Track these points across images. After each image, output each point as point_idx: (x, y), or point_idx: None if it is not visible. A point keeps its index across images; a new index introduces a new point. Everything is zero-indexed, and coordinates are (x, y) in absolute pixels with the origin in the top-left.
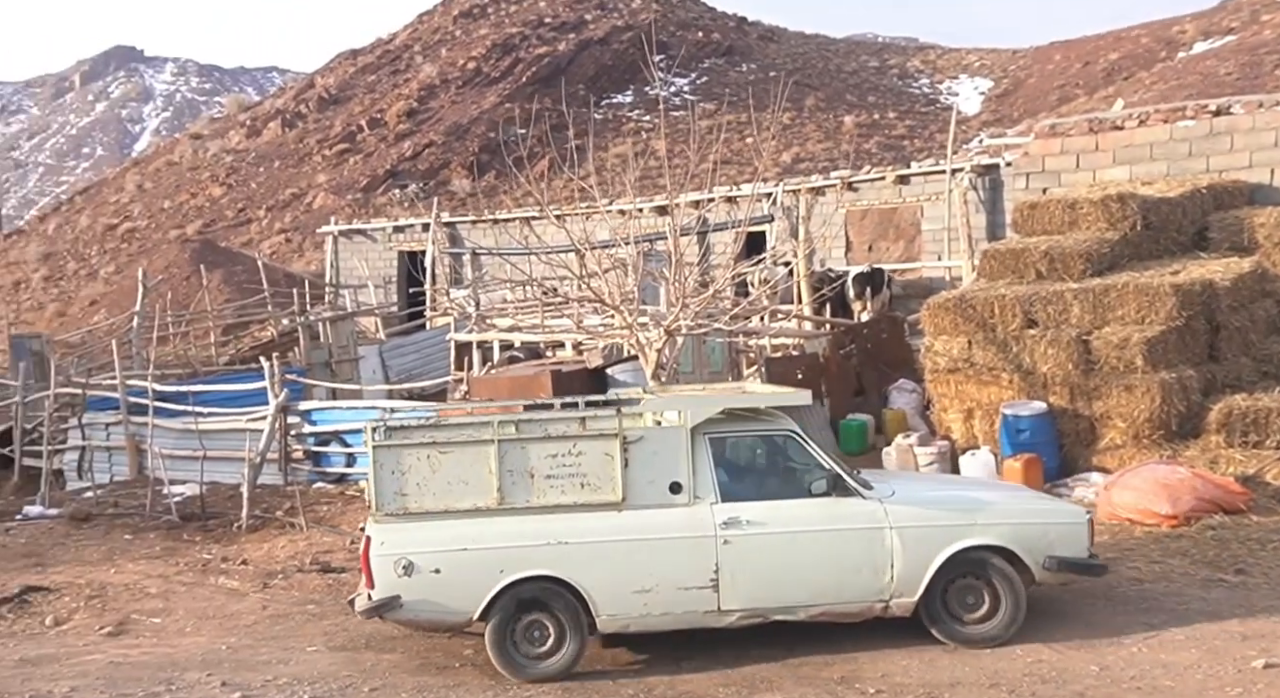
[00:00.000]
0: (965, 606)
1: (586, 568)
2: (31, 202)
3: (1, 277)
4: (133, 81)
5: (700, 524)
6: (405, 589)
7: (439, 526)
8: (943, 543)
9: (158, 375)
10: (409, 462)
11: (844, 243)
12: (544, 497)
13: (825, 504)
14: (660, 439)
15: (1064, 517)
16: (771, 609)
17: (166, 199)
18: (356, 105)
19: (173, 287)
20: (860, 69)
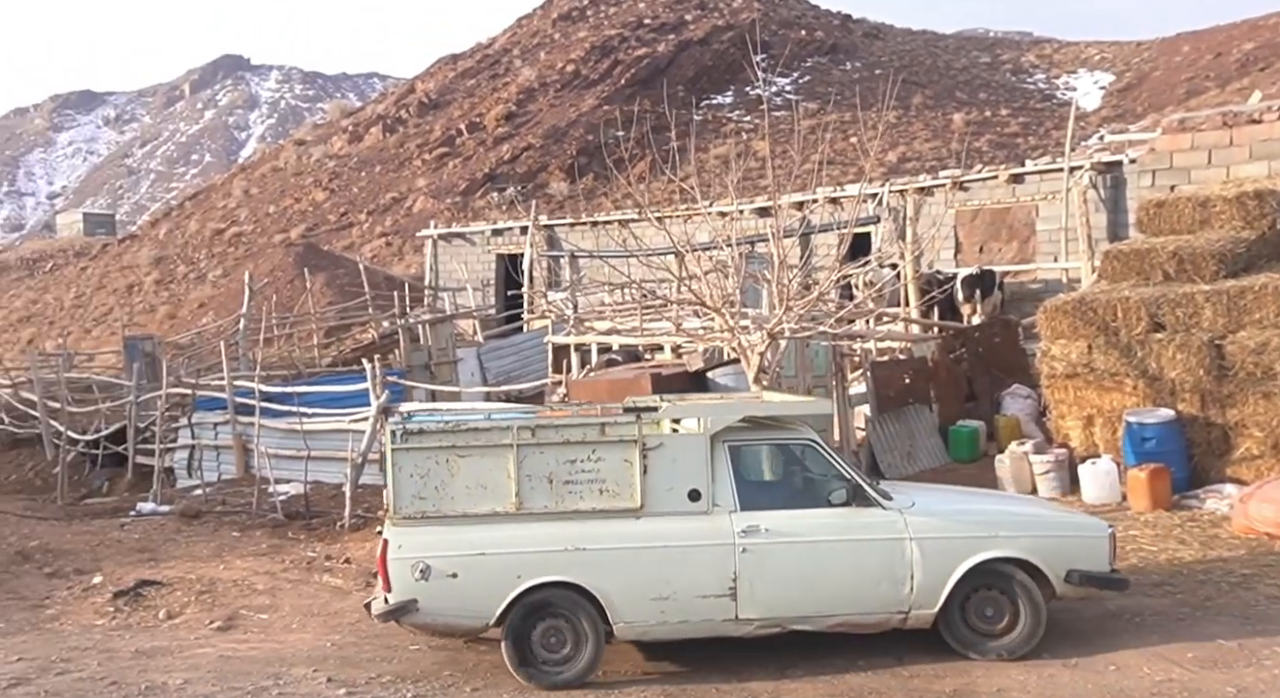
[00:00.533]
0: (984, 618)
1: (604, 575)
2: (143, 207)
3: (116, 280)
4: (239, 89)
5: (719, 532)
6: (422, 593)
7: (457, 530)
8: (963, 555)
9: (263, 376)
10: (428, 465)
11: (953, 244)
12: (562, 502)
13: (845, 514)
14: (679, 447)
15: (1086, 530)
16: (790, 619)
17: (271, 204)
18: (456, 109)
19: (277, 290)
20: (971, 65)
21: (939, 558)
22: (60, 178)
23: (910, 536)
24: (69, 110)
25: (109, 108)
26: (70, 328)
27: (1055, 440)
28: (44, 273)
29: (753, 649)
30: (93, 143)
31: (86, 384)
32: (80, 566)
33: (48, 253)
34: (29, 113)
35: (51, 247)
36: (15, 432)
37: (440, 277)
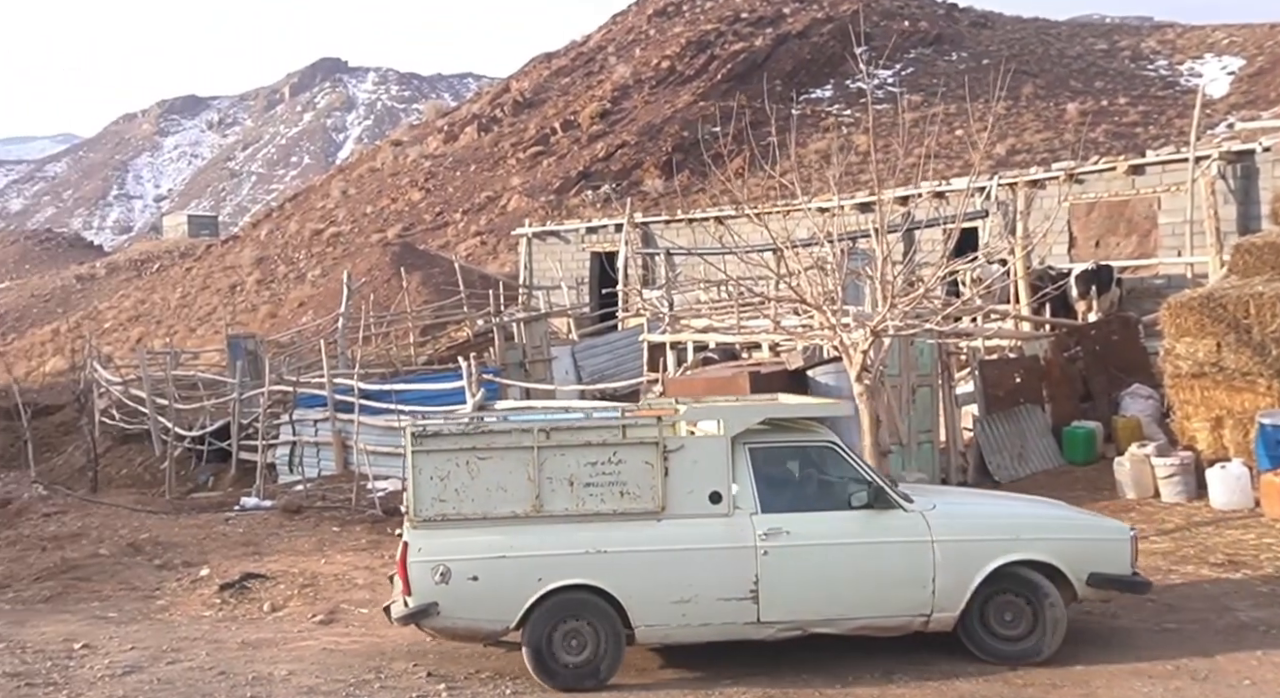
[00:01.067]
0: (1004, 622)
1: (625, 577)
2: (245, 208)
3: (219, 280)
4: (337, 92)
5: (740, 535)
6: (443, 596)
7: (477, 532)
8: (986, 558)
9: (362, 374)
10: (448, 467)
11: (1067, 239)
12: (583, 505)
13: (866, 517)
14: (700, 448)
15: (1108, 533)
16: (811, 622)
17: (368, 204)
18: (550, 108)
19: (374, 289)
20: (1086, 53)
21: (961, 561)
22: (166, 181)
23: (932, 538)
24: (175, 115)
25: (212, 112)
26: (176, 327)
27: (1180, 443)
28: (151, 273)
29: (856, 650)
30: (197, 146)
31: (192, 381)
32: (188, 558)
33: (154, 254)
34: (137, 118)
35: (158, 248)
36: (125, 427)
37: (534, 275)
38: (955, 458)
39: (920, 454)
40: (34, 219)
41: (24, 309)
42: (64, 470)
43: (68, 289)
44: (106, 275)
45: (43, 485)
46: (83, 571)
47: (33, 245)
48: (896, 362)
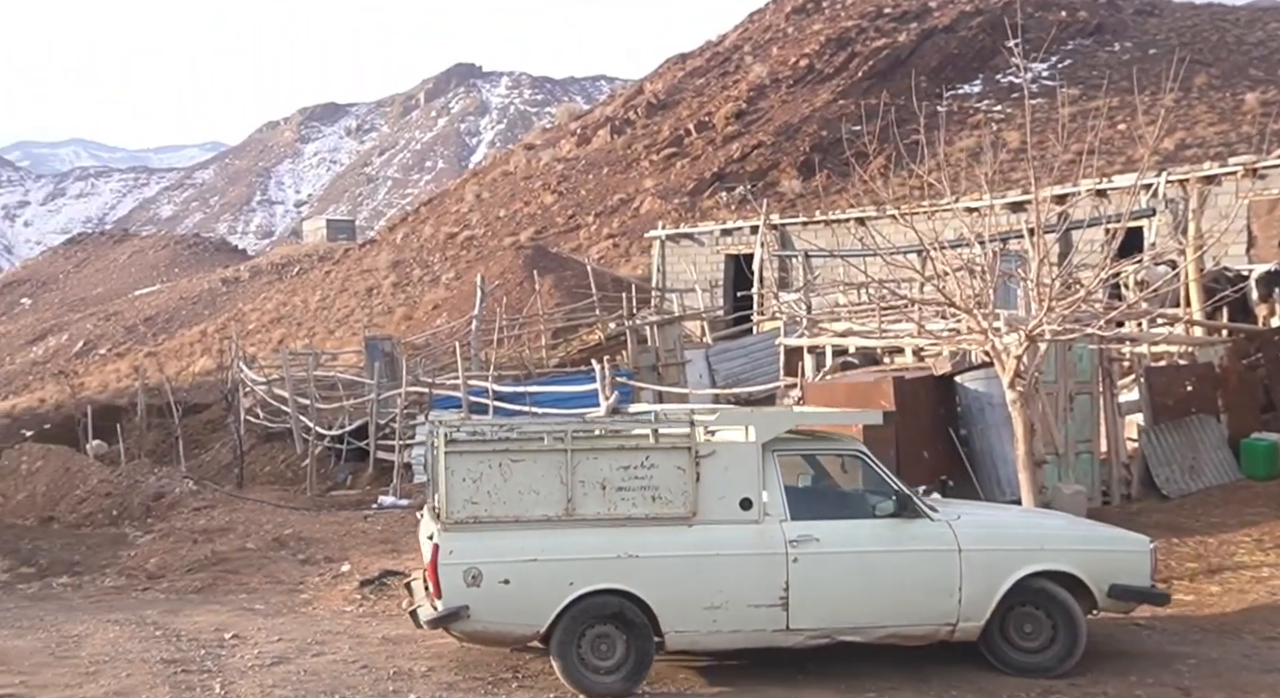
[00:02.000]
0: (1023, 634)
1: (657, 583)
2: (381, 213)
3: (356, 283)
4: (471, 96)
5: (771, 542)
6: (473, 600)
7: (509, 535)
8: (1011, 567)
9: (495, 376)
10: (480, 470)
11: (1245, 238)
12: (615, 509)
13: (894, 525)
14: (732, 454)
15: (1128, 545)
16: (840, 629)
17: (502, 208)
18: (684, 109)
19: (507, 291)
20: (1269, 38)
21: (987, 570)
22: (306, 186)
23: (959, 547)
24: (315, 122)
25: (351, 119)
26: (316, 328)
27: None
28: (292, 276)
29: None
30: (335, 152)
31: (331, 382)
32: (329, 554)
33: (295, 257)
34: (279, 126)
35: (298, 252)
36: (269, 426)
37: (667, 278)
38: (1118, 470)
39: (1078, 465)
40: (183, 224)
41: (173, 311)
42: (212, 466)
43: (214, 292)
44: (250, 279)
45: (193, 481)
46: (231, 563)
47: (181, 250)
48: (1053, 368)
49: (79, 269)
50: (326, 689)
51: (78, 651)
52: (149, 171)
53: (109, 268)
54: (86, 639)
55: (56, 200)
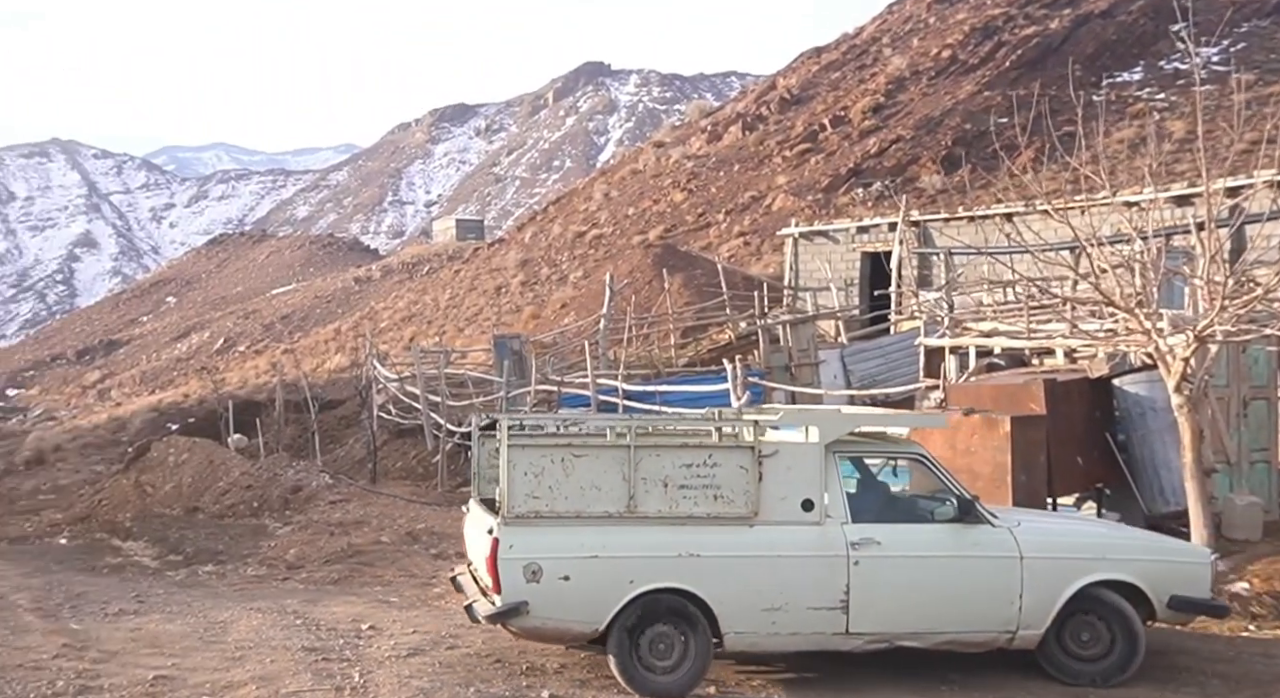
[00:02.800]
0: (1080, 642)
1: (717, 583)
2: (509, 212)
3: (485, 282)
4: (599, 95)
5: (832, 544)
6: (533, 595)
7: (570, 531)
8: (1073, 576)
9: (624, 375)
10: (542, 464)
11: None
12: (676, 507)
13: (956, 530)
14: (794, 455)
15: (1189, 556)
16: (900, 634)
17: (630, 206)
18: (819, 104)
19: (636, 290)
20: None
21: (1048, 578)
22: (436, 187)
23: (1021, 554)
24: (445, 123)
25: (480, 119)
26: (445, 326)
27: None
28: (422, 276)
29: None
30: (465, 153)
31: (461, 379)
32: (461, 549)
33: (425, 257)
34: (411, 127)
35: (428, 251)
36: (400, 422)
37: (800, 276)
38: None
39: (1253, 475)
40: (318, 225)
41: (308, 309)
42: (346, 461)
43: (347, 290)
44: (381, 278)
45: (329, 475)
46: (366, 556)
47: (316, 250)
48: (1224, 371)
49: (220, 269)
50: (461, 682)
51: (224, 636)
52: (286, 174)
53: (248, 267)
54: (231, 626)
55: (199, 203)
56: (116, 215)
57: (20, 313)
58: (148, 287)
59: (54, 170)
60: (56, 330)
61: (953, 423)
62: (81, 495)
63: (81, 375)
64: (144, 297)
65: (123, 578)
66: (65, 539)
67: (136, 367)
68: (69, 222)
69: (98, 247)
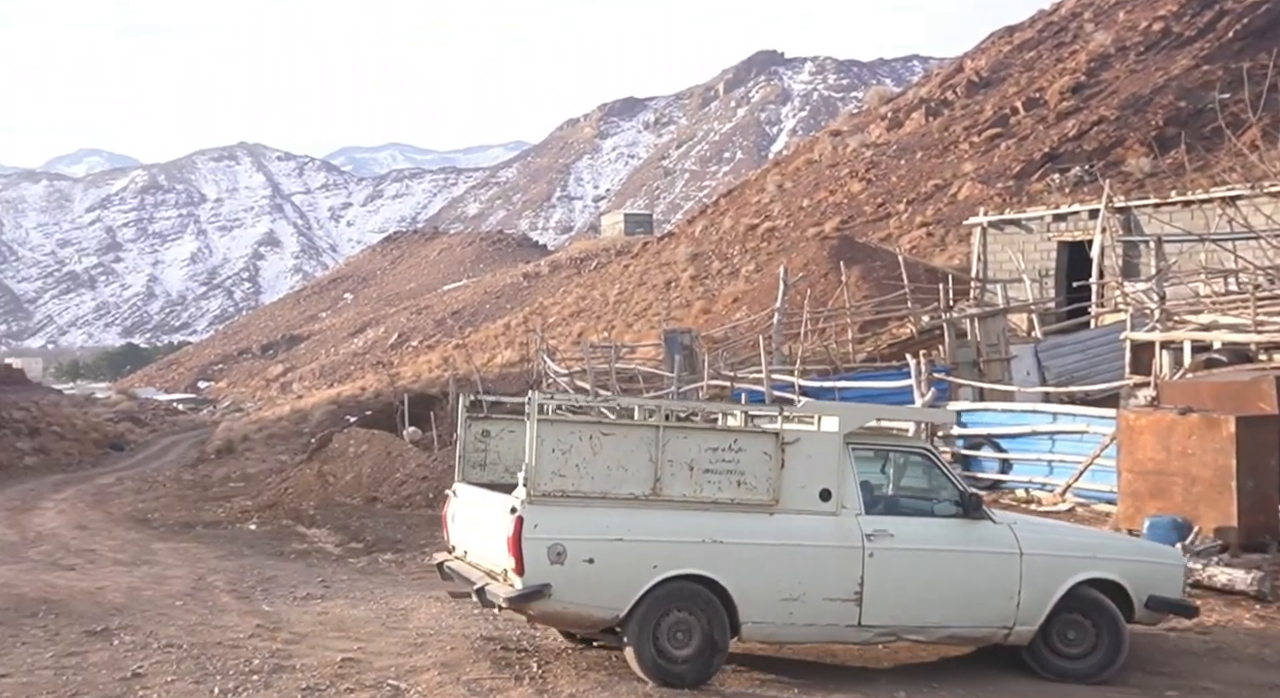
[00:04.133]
0: (1067, 640)
1: (739, 571)
2: (678, 206)
3: (654, 276)
4: (772, 84)
5: (848, 534)
6: (556, 578)
7: (595, 512)
8: (1067, 573)
9: (800, 371)
10: (571, 441)
11: None
12: (700, 491)
13: (961, 525)
14: (815, 444)
15: (1165, 558)
16: (907, 628)
17: (805, 197)
18: (1011, 86)
19: (811, 284)
20: None
21: (1045, 574)
22: (604, 181)
23: (1021, 550)
24: (614, 117)
25: (649, 112)
26: (614, 321)
27: None
28: (590, 271)
29: None
30: (633, 147)
31: (631, 374)
32: None
33: (593, 252)
34: (579, 122)
35: (596, 246)
36: None
37: (989, 267)
38: None
39: None
40: (488, 222)
41: (478, 305)
42: None
43: (515, 286)
44: (549, 273)
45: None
46: None
47: (486, 246)
48: None
49: (394, 266)
50: (640, 676)
51: (405, 623)
52: (457, 172)
53: (420, 264)
54: (412, 613)
55: (375, 201)
56: (298, 215)
57: (210, 309)
58: (326, 283)
59: (241, 173)
60: (242, 326)
61: (1166, 423)
62: (268, 484)
63: (265, 369)
64: (323, 293)
65: (308, 563)
66: (254, 525)
67: (316, 361)
68: (254, 222)
69: (280, 245)
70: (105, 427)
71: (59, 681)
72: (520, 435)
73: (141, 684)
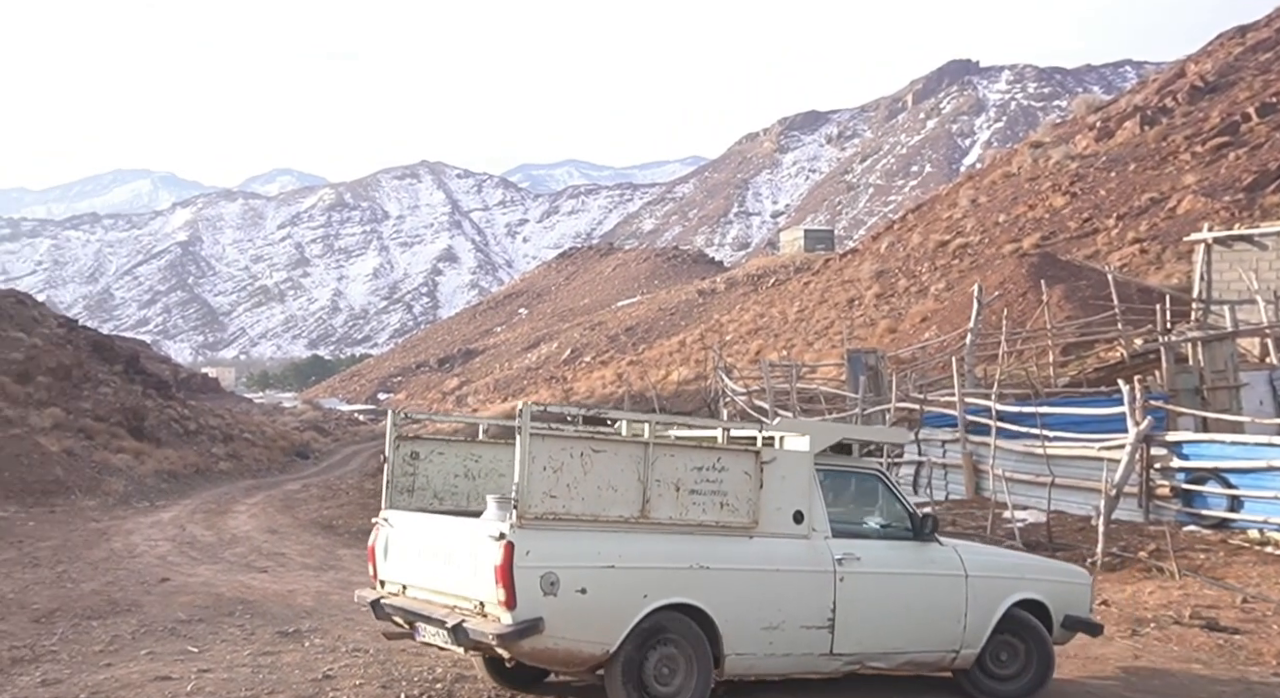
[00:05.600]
0: (999, 661)
1: (724, 599)
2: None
3: (836, 294)
4: (965, 95)
5: (820, 559)
6: (549, 611)
7: (586, 537)
8: (1004, 594)
9: (997, 395)
10: (562, 458)
11: None
12: (686, 514)
13: (916, 548)
14: (790, 463)
15: (1076, 577)
16: (872, 655)
17: (1001, 212)
18: (1242, 90)
19: (1008, 303)
20: None
21: (987, 596)
22: (784, 197)
23: (966, 572)
24: (794, 131)
25: (831, 126)
26: (794, 340)
27: None
28: (768, 288)
29: None
30: (814, 161)
31: (812, 395)
32: None
33: (770, 269)
34: (758, 137)
35: (773, 263)
36: None
37: (1213, 287)
38: None
39: None
40: (662, 238)
41: (652, 321)
42: None
43: (690, 303)
44: (726, 290)
45: None
46: None
47: (660, 262)
48: None
49: (568, 281)
50: None
51: None
52: (633, 187)
53: (595, 280)
54: None
55: (550, 217)
56: (475, 231)
57: (390, 323)
58: (501, 299)
59: (422, 190)
60: (421, 340)
61: None
62: None
63: (442, 382)
64: (498, 308)
65: None
66: None
67: (490, 374)
68: (434, 238)
69: (458, 261)
70: (292, 435)
71: (255, 678)
72: (450, 458)
73: (332, 686)
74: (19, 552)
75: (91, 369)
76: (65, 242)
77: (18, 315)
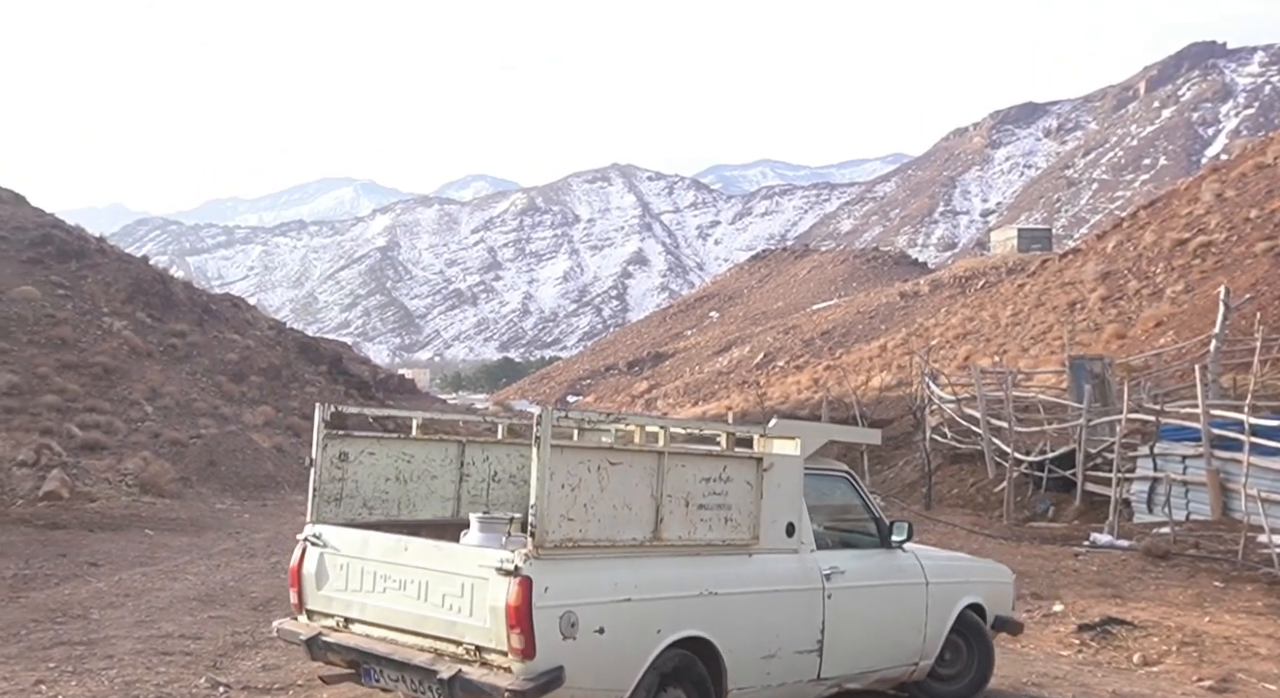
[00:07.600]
0: (943, 662)
1: (729, 628)
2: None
3: (1055, 297)
4: (1208, 80)
5: (810, 575)
6: (569, 657)
7: (599, 566)
8: (956, 599)
9: (1250, 406)
10: (580, 473)
11: None
12: (694, 532)
13: (886, 556)
14: (784, 469)
15: (1002, 576)
16: (849, 675)
17: (1253, 208)
18: None
19: (1261, 306)
20: None
21: (943, 603)
22: (995, 194)
23: (927, 580)
24: (1008, 125)
25: (1050, 118)
26: (1006, 345)
27: None
28: (977, 290)
29: None
30: (1030, 156)
31: (1029, 403)
32: (1037, 590)
33: (979, 270)
34: (968, 132)
35: (983, 264)
36: (957, 446)
37: None
38: None
39: None
40: (861, 239)
41: (850, 325)
42: (895, 484)
43: (891, 306)
44: (930, 292)
45: (880, 497)
46: None
47: (860, 264)
48: None
49: (761, 284)
50: None
51: None
52: (830, 187)
53: (789, 283)
54: None
55: (743, 219)
56: (666, 234)
57: (579, 326)
58: (692, 302)
59: (613, 193)
60: (610, 343)
61: None
62: None
63: (631, 385)
64: (688, 311)
65: None
66: None
67: (680, 378)
68: (624, 241)
69: (648, 264)
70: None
71: None
72: (381, 459)
73: None
74: (237, 542)
75: (299, 369)
76: (274, 247)
77: (233, 318)
